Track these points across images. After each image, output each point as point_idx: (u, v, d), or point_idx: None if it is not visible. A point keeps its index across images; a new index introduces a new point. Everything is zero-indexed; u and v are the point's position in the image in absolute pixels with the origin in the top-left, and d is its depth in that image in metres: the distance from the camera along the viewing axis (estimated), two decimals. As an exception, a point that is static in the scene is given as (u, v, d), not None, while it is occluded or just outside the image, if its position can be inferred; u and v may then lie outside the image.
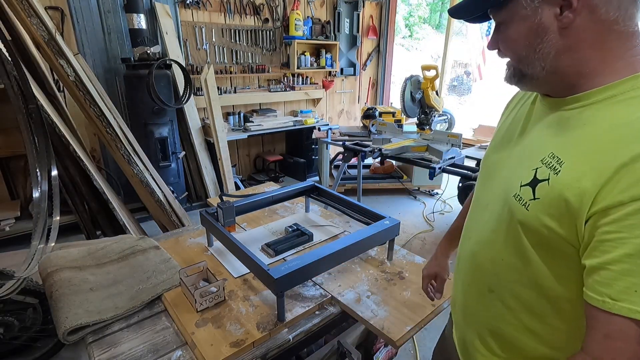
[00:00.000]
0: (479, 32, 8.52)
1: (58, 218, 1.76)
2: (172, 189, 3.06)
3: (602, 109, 0.56)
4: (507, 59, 0.65)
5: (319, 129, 3.86)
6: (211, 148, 3.67)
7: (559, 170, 0.56)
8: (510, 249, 0.65)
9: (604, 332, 0.51)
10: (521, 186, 0.61)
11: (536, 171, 0.60)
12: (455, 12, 0.67)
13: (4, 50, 1.75)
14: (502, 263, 0.67)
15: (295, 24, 4.12)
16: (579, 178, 0.53)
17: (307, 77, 4.62)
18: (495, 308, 0.70)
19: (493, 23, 0.65)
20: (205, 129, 3.69)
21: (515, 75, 0.64)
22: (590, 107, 0.57)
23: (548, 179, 0.57)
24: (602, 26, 0.54)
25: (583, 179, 0.52)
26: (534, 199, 0.59)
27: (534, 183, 0.59)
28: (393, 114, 3.73)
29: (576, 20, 0.54)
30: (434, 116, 3.10)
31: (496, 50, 0.66)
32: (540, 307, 0.63)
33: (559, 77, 0.59)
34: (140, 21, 3.12)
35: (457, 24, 5.37)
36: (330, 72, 4.84)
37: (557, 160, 0.57)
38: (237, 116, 4.05)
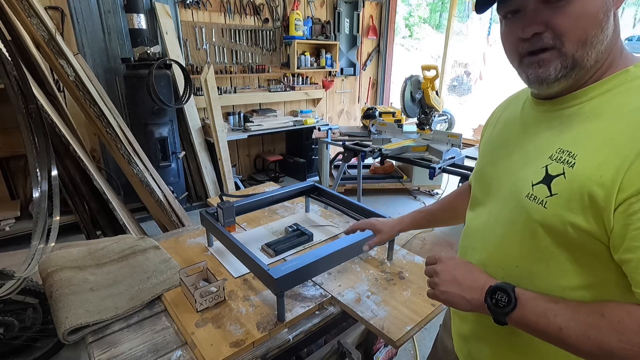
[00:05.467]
0: (480, 32, 8.52)
1: (58, 218, 1.76)
2: (172, 189, 3.06)
3: (604, 102, 0.56)
4: (543, 53, 0.56)
5: (319, 129, 3.86)
6: (211, 148, 3.67)
7: (574, 163, 0.55)
8: (526, 253, 0.62)
9: None
10: (533, 185, 0.59)
11: (546, 168, 0.58)
12: None
13: (4, 50, 1.75)
14: (517, 270, 0.64)
15: (295, 24, 4.12)
16: (598, 167, 0.51)
17: (307, 77, 4.62)
18: None
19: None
20: (205, 129, 3.69)
21: (567, 66, 0.55)
22: (590, 102, 0.57)
23: (563, 173, 0.55)
24: (617, 18, 0.54)
25: (603, 168, 0.51)
26: (551, 195, 0.56)
27: (547, 180, 0.57)
28: (393, 114, 3.73)
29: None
30: (434, 116, 3.10)
31: (531, 35, 0.56)
32: None
33: (586, 70, 0.57)
34: (140, 21, 3.12)
35: (458, 24, 5.36)
36: (330, 72, 4.84)
37: (569, 154, 0.56)
38: (237, 116, 4.05)
